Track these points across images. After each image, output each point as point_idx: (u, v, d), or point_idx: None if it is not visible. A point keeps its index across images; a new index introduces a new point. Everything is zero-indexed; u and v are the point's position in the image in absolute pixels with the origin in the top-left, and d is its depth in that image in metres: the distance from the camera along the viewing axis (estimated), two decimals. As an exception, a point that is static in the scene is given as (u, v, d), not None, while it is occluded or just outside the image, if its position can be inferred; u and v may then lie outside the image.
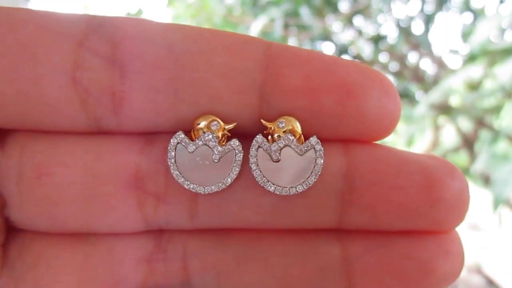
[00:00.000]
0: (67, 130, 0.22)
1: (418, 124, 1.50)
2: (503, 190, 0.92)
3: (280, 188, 0.22)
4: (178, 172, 0.22)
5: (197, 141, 0.22)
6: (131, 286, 0.23)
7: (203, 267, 0.23)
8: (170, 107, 0.21)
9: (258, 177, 0.22)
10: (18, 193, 0.22)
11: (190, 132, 0.22)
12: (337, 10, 1.72)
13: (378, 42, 1.70)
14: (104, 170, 0.22)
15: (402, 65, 1.78)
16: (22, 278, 0.22)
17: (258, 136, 0.22)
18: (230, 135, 0.22)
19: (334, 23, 1.72)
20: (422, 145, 1.80)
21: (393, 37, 1.70)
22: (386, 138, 0.23)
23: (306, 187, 0.22)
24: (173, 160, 0.22)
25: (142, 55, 0.21)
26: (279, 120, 0.22)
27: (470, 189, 0.22)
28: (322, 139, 0.22)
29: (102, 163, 0.22)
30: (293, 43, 1.66)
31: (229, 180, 0.22)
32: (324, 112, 0.21)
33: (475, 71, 1.18)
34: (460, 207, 0.21)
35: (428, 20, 1.63)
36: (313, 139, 0.22)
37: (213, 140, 0.22)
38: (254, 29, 1.46)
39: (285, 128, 0.22)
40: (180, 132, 0.22)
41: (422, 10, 1.64)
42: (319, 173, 0.22)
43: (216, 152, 0.22)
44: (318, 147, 0.22)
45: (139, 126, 0.22)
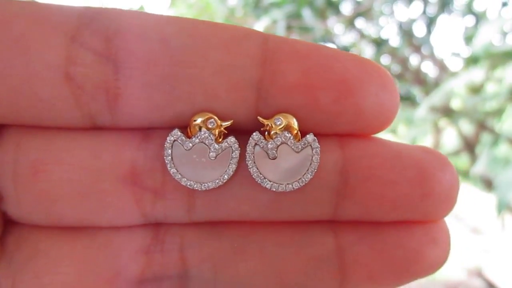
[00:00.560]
0: (61, 126, 0.22)
1: (419, 127, 1.49)
2: (507, 194, 0.91)
3: (277, 185, 0.22)
4: (175, 170, 0.22)
5: (193, 138, 0.22)
6: (129, 278, 0.23)
7: (200, 258, 0.23)
8: (166, 104, 0.21)
9: (254, 174, 0.22)
10: (14, 189, 0.22)
11: (186, 128, 0.22)
12: (339, 12, 1.72)
13: (380, 44, 1.70)
14: (101, 166, 0.22)
15: (404, 67, 1.78)
16: (21, 270, 0.22)
17: (254, 133, 0.22)
18: (226, 132, 0.22)
19: (336, 25, 1.73)
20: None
21: (395, 39, 1.70)
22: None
23: (302, 184, 0.22)
24: (169, 157, 0.22)
25: (137, 50, 0.20)
26: (276, 117, 0.22)
27: (459, 180, 0.23)
28: (318, 135, 0.22)
29: (98, 159, 0.22)
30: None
31: (226, 177, 0.22)
32: (322, 109, 0.21)
33: (477, 74, 1.18)
34: (449, 199, 0.22)
35: (430, 22, 1.63)
36: (309, 137, 0.22)
37: (209, 137, 0.22)
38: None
39: (282, 126, 0.22)
40: (176, 130, 0.22)
41: (424, 13, 1.64)
42: (315, 170, 0.22)
43: (212, 149, 0.22)
44: (314, 144, 0.22)
45: (135, 123, 0.22)
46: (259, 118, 0.22)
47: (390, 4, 1.69)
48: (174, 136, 0.22)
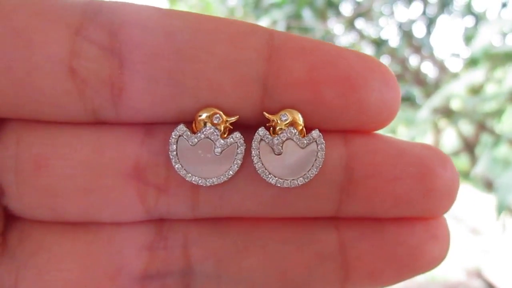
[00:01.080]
0: (63, 120, 0.22)
1: (419, 128, 1.50)
2: (507, 196, 0.92)
3: (282, 181, 0.22)
4: (180, 165, 0.22)
5: (199, 134, 0.22)
6: (132, 274, 0.23)
7: (203, 255, 0.23)
8: (170, 99, 0.21)
9: (259, 169, 0.22)
10: (16, 183, 0.22)
11: (191, 124, 0.22)
12: (339, 13, 1.72)
13: (380, 45, 1.71)
14: (104, 161, 0.22)
15: (404, 68, 1.78)
16: (24, 265, 0.22)
17: (260, 129, 0.22)
18: (232, 127, 0.22)
19: (336, 25, 1.73)
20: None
21: (394, 40, 1.70)
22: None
23: (307, 180, 0.22)
24: (174, 153, 0.22)
25: (142, 44, 0.20)
26: (282, 113, 0.21)
27: (459, 178, 0.23)
28: (323, 131, 0.22)
29: (102, 155, 0.22)
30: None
31: (231, 172, 0.22)
32: (327, 105, 0.21)
33: (477, 75, 1.19)
34: (450, 195, 0.22)
35: (430, 23, 1.63)
36: (315, 133, 0.22)
37: (215, 133, 0.22)
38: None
39: (287, 121, 0.22)
40: (182, 125, 0.22)
41: (424, 13, 1.64)
42: (320, 166, 0.22)
43: (218, 145, 0.22)
44: (320, 140, 0.22)
45: (139, 117, 0.22)
46: (265, 113, 0.22)
47: (390, 5, 1.69)
48: (180, 131, 0.22)
